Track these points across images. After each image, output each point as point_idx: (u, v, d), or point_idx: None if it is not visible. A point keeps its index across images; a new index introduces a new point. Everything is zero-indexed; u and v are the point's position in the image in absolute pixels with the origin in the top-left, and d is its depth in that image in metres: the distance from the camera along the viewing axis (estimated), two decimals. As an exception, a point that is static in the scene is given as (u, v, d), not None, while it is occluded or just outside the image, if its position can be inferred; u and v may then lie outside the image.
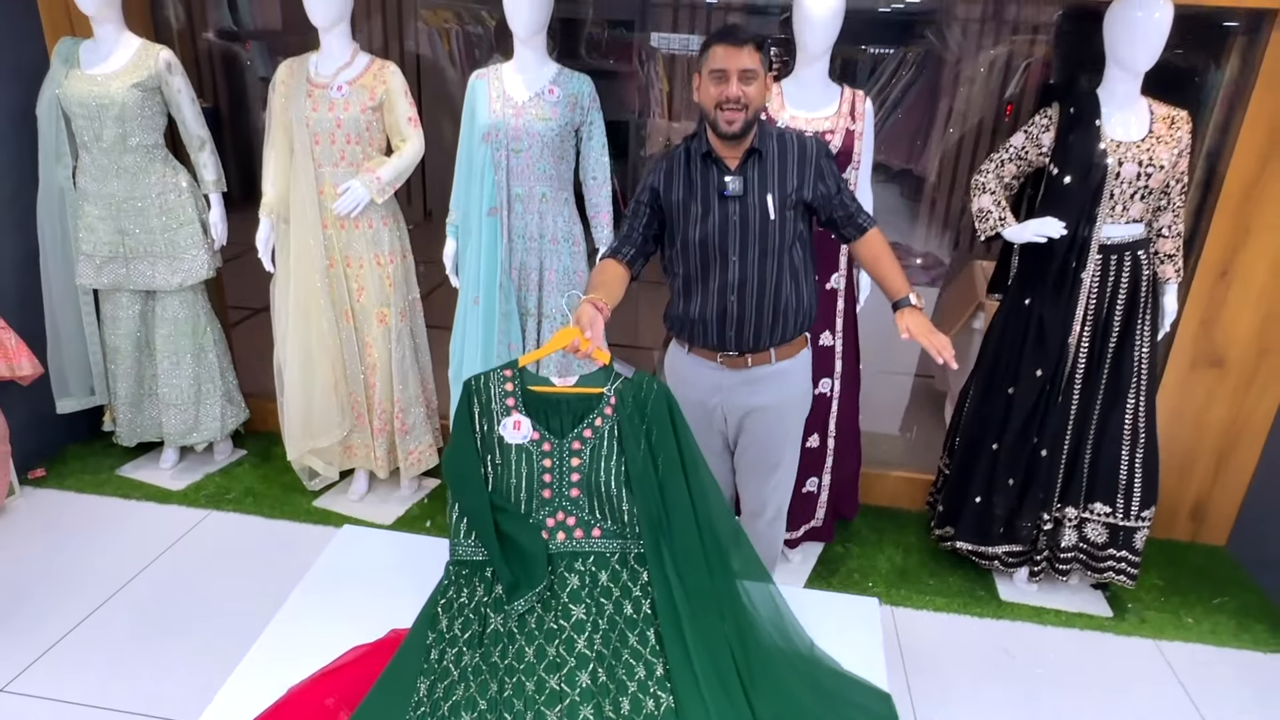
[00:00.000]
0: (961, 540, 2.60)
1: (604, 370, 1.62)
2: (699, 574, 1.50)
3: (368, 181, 2.50)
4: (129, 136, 2.61)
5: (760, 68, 1.76)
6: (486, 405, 1.61)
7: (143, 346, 2.90)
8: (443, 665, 1.44)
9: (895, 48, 5.70)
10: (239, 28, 4.26)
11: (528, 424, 1.60)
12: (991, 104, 5.11)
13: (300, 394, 2.71)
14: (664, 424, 1.57)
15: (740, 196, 1.82)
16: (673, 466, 1.55)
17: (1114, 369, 2.37)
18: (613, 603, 1.52)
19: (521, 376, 1.63)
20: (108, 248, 2.72)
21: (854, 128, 2.32)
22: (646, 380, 1.61)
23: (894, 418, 3.64)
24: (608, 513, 1.59)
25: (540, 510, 1.59)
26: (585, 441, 1.59)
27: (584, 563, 1.56)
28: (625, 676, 1.41)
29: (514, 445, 1.59)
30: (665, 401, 1.58)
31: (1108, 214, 2.24)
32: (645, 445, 1.55)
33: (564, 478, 1.60)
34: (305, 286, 2.62)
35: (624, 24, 5.15)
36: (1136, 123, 2.24)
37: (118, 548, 2.65)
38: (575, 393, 1.62)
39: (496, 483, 1.60)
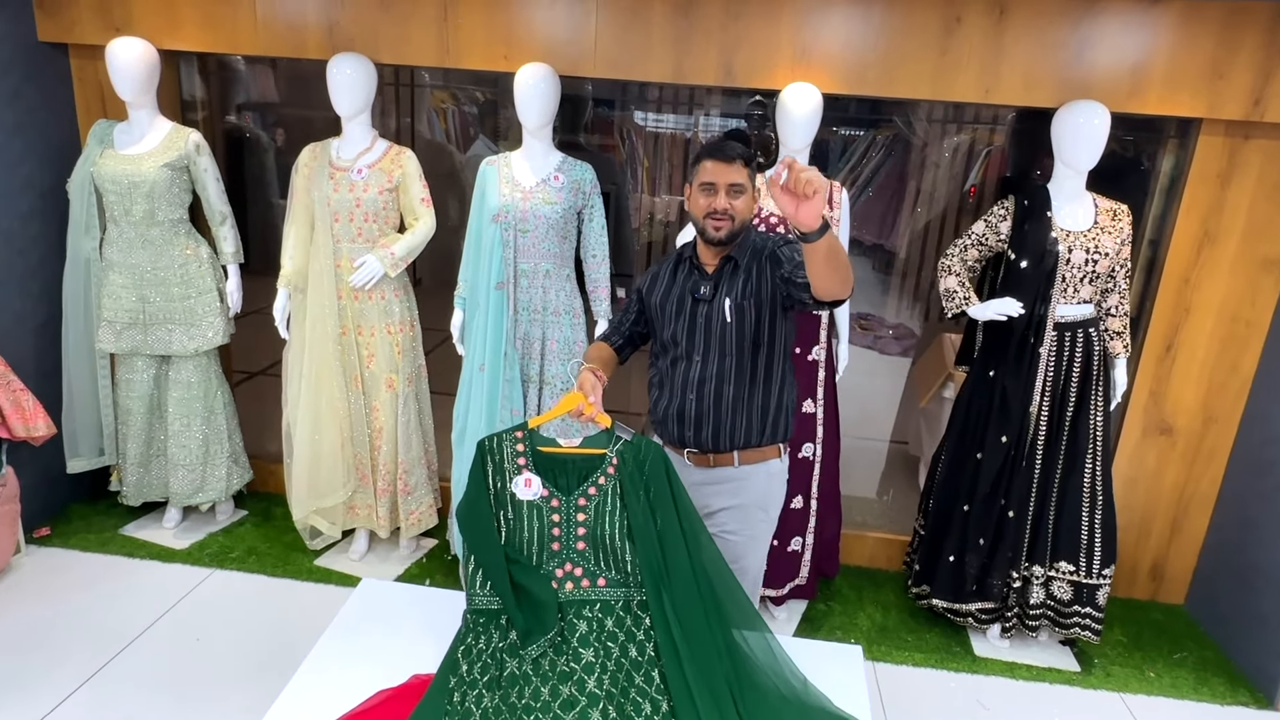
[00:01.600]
0: (937, 598, 2.75)
1: (606, 433, 1.77)
2: (697, 619, 1.63)
3: (383, 257, 2.69)
4: (157, 211, 2.79)
5: (748, 182, 1.87)
6: (500, 464, 1.75)
7: (154, 408, 3.01)
8: (465, 707, 1.55)
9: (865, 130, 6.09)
10: (244, 109, 4.50)
11: (538, 482, 1.74)
12: (956, 185, 5.46)
13: (309, 455, 2.83)
14: (661, 483, 1.71)
15: (709, 300, 1.91)
16: (670, 521, 1.69)
17: (1072, 436, 2.57)
18: (619, 646, 1.64)
19: (531, 438, 1.77)
20: (129, 314, 2.86)
21: (831, 215, 2.55)
22: (645, 443, 1.76)
23: (871, 482, 3.82)
24: (612, 564, 1.72)
25: (550, 561, 1.72)
26: (590, 498, 1.73)
27: (591, 609, 1.68)
28: (634, 713, 1.53)
29: (525, 501, 1.73)
30: (662, 462, 1.74)
31: (1060, 295, 2.48)
32: (645, 502, 1.69)
33: (571, 531, 1.73)
34: (319, 353, 2.77)
35: (606, 102, 5.47)
36: (1083, 214, 2.50)
37: (123, 606, 2.71)
38: (581, 453, 1.76)
39: (509, 536, 1.73)
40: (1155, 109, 2.53)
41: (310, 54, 2.78)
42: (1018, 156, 3.62)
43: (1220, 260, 2.71)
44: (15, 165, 2.85)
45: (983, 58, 2.54)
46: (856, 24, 2.57)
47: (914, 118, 5.61)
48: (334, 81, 2.64)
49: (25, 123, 2.86)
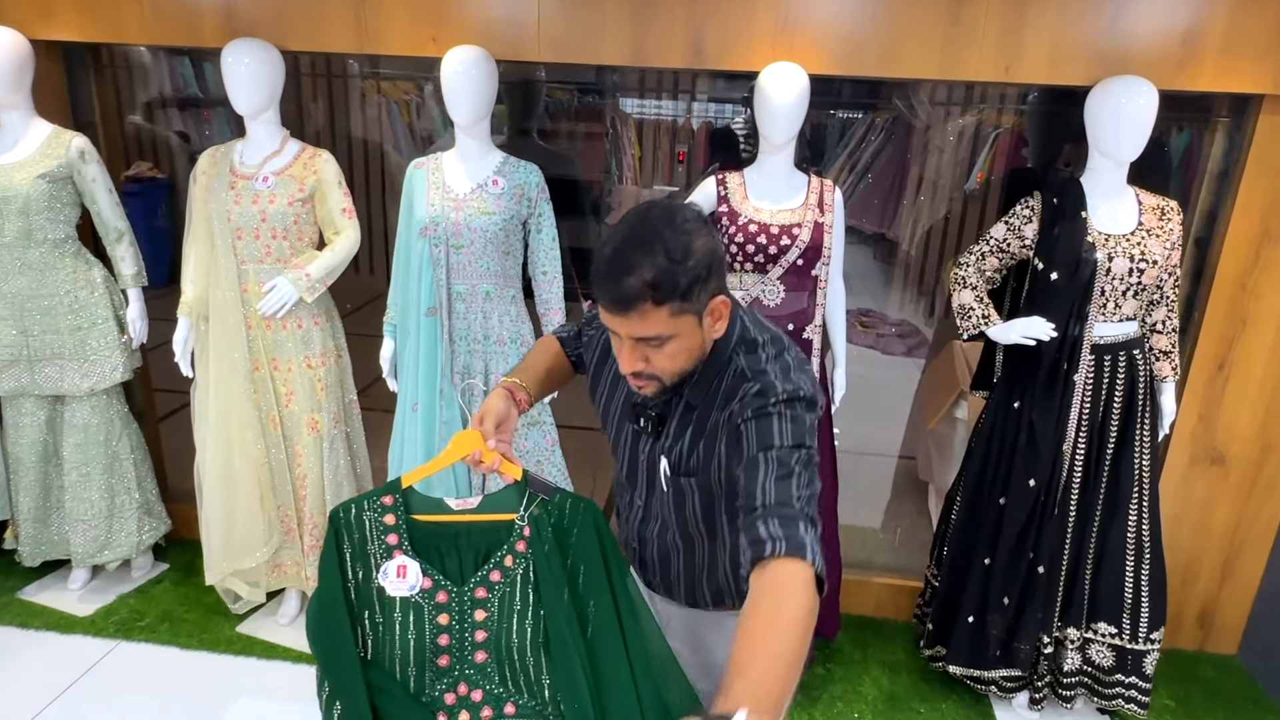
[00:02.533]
0: (954, 664, 2.35)
1: (516, 488, 1.26)
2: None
3: (296, 279, 2.28)
4: (35, 230, 2.39)
5: (673, 323, 1.11)
6: (360, 546, 1.25)
7: (49, 457, 2.62)
8: None
9: (864, 113, 5.67)
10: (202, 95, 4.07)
11: (416, 569, 1.24)
12: (963, 171, 5.05)
13: (220, 510, 2.44)
14: (593, 561, 1.24)
15: (648, 436, 1.29)
16: (606, 619, 1.22)
17: (1113, 477, 2.17)
18: None
19: (406, 503, 1.27)
20: (9, 351, 2.46)
21: (823, 220, 2.14)
22: (571, 502, 1.26)
23: (876, 509, 3.41)
24: (523, 684, 1.25)
25: (436, 684, 1.25)
26: (493, 588, 1.25)
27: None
28: None
29: (398, 598, 1.24)
30: (595, 532, 1.25)
31: (1099, 312, 2.07)
32: (567, 594, 1.23)
33: (466, 638, 1.26)
34: (226, 392, 2.38)
35: (594, 90, 5.09)
36: (1125, 214, 2.09)
37: (10, 685, 2.34)
38: (478, 521, 1.26)
39: (377, 650, 1.25)
40: (1211, 85, 2.11)
41: (206, 42, 2.36)
42: (1038, 144, 3.20)
43: (1283, 262, 2.30)
44: (-125, 179, 2.44)
45: (1001, 28, 2.12)
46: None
47: (916, 99, 5.20)
48: (231, 74, 2.22)
49: (-117, 129, 2.46)
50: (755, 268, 2.14)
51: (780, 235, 2.10)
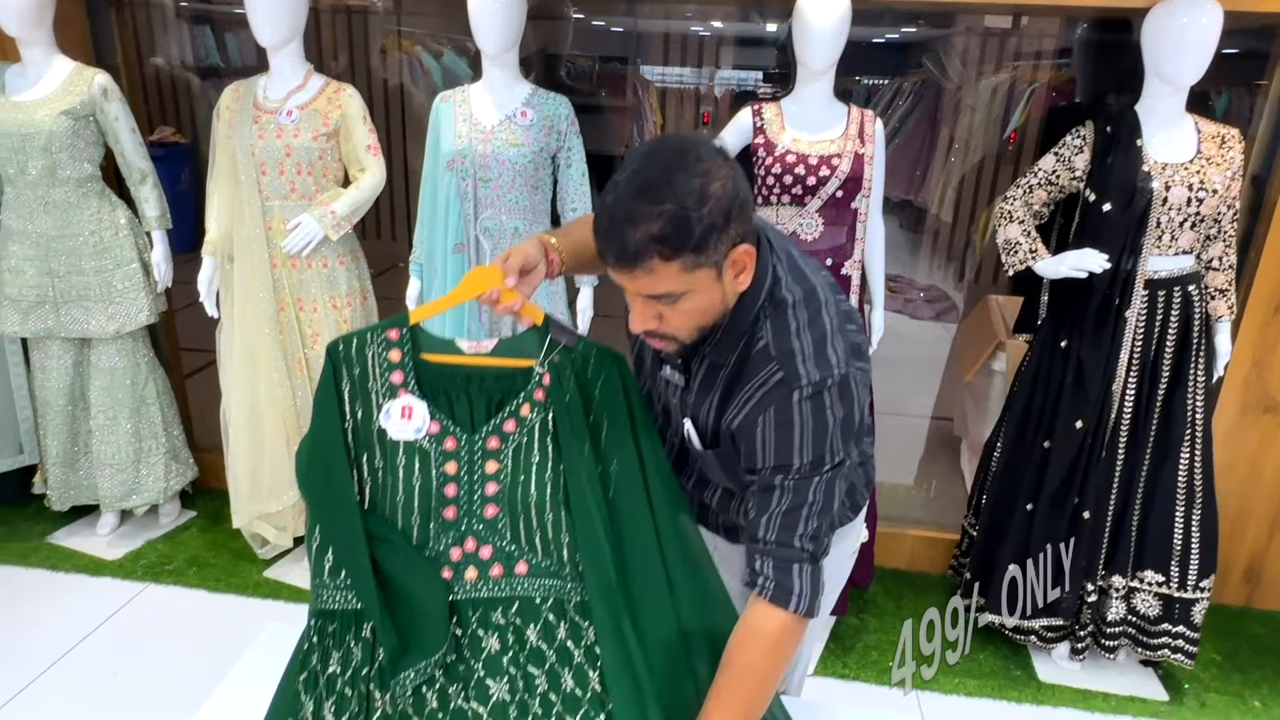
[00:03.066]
0: (993, 613, 2.29)
1: (535, 333, 1.15)
2: (667, 632, 1.10)
3: (321, 216, 2.24)
4: (58, 168, 2.36)
5: (688, 278, 0.99)
6: (360, 383, 1.13)
7: (77, 400, 2.61)
8: None
9: (890, 77, 5.53)
10: (224, 62, 4.05)
11: (422, 411, 1.13)
12: (995, 132, 4.91)
13: (247, 453, 2.42)
14: (619, 415, 1.14)
15: (680, 388, 1.18)
16: (630, 476, 1.12)
17: (1164, 419, 2.09)
18: (546, 674, 1.11)
19: (414, 340, 1.15)
20: (35, 292, 2.45)
21: (863, 151, 2.06)
22: (596, 352, 1.16)
23: (909, 468, 3.35)
24: (538, 543, 1.15)
25: (441, 537, 1.14)
26: (506, 438, 1.14)
27: (505, 613, 1.13)
28: None
29: (401, 442, 1.14)
30: (620, 385, 1.15)
31: (1154, 245, 1.98)
32: (590, 448, 1.12)
33: (476, 490, 1.15)
34: (252, 333, 2.35)
35: (617, 59, 5.01)
36: (1183, 142, 1.99)
37: (42, 626, 2.34)
38: (493, 366, 1.15)
39: (376, 497, 1.14)
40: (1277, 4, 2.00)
41: (228, -28, 2.31)
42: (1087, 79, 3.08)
43: (1347, 198, 2.19)
44: (-101, 119, 2.42)
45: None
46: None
47: (946, 58, 5.07)
48: (254, 4, 2.17)
49: (-93, 68, 2.43)
50: (793, 200, 2.06)
51: (819, 166, 2.03)
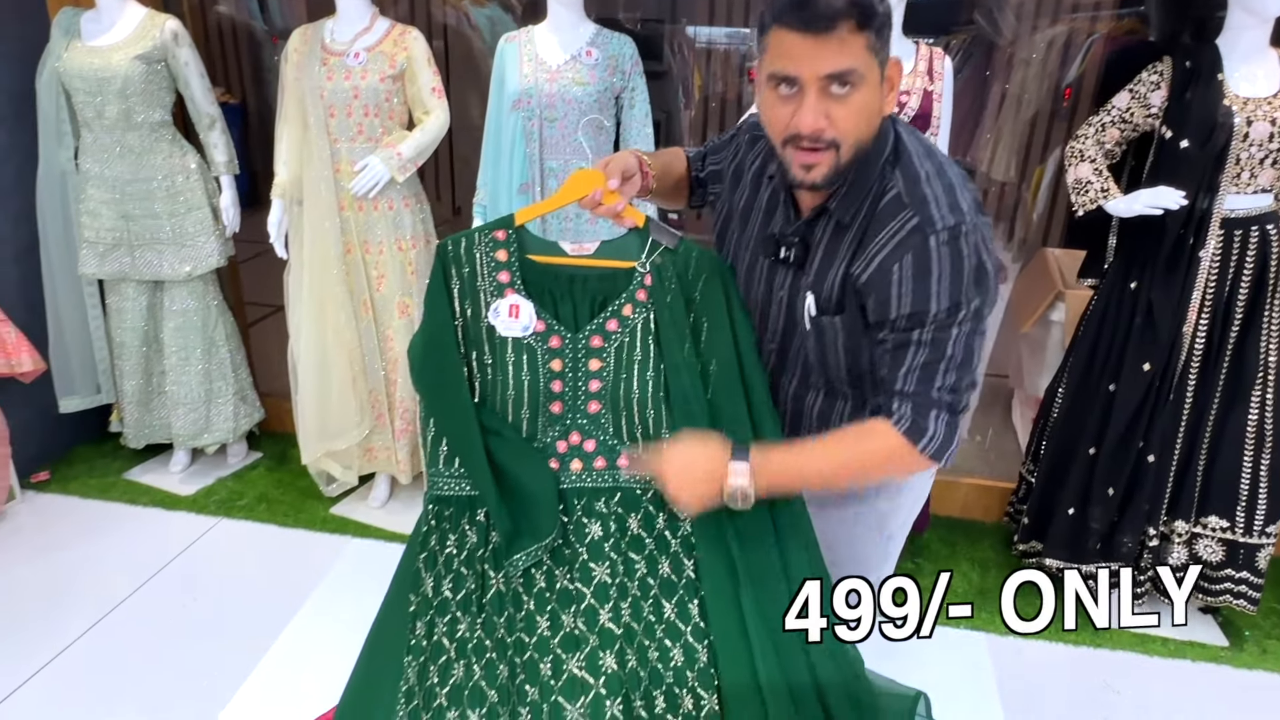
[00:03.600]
0: (1050, 556, 2.30)
1: (637, 236, 1.19)
2: (760, 525, 1.12)
3: (387, 158, 2.27)
4: (133, 113, 2.42)
5: (868, 61, 0.98)
6: (469, 282, 1.17)
7: (150, 341, 2.70)
8: (434, 640, 1.12)
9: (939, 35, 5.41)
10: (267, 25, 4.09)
11: (530, 309, 1.17)
12: (1049, 89, 4.79)
13: (315, 392, 2.49)
14: (719, 315, 1.16)
15: (790, 268, 1.17)
16: (729, 375, 1.15)
17: (1235, 362, 2.06)
18: (645, 559, 1.15)
19: (520, 241, 1.19)
20: (111, 235, 2.53)
21: (932, 88, 2.04)
22: (697, 253, 1.18)
23: (966, 420, 3.34)
24: (639, 436, 1.19)
25: (548, 431, 1.19)
26: (609, 337, 1.18)
27: (608, 503, 1.18)
28: (660, 663, 1.08)
29: (510, 340, 1.17)
30: (721, 285, 1.17)
31: (1232, 182, 1.94)
32: (691, 346, 1.15)
33: (580, 387, 1.19)
34: (320, 274, 2.40)
35: (655, 19, 4.96)
36: (1265, 77, 1.94)
37: (121, 557, 2.46)
38: (597, 266, 1.19)
39: (486, 391, 1.18)
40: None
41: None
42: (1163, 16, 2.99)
43: None
44: (-21, 66, 2.50)
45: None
46: None
47: (999, 13, 4.94)
48: (322, -55, 2.20)
49: (-14, 15, 2.50)
50: (859, 139, 2.05)
51: (887, 103, 2.01)
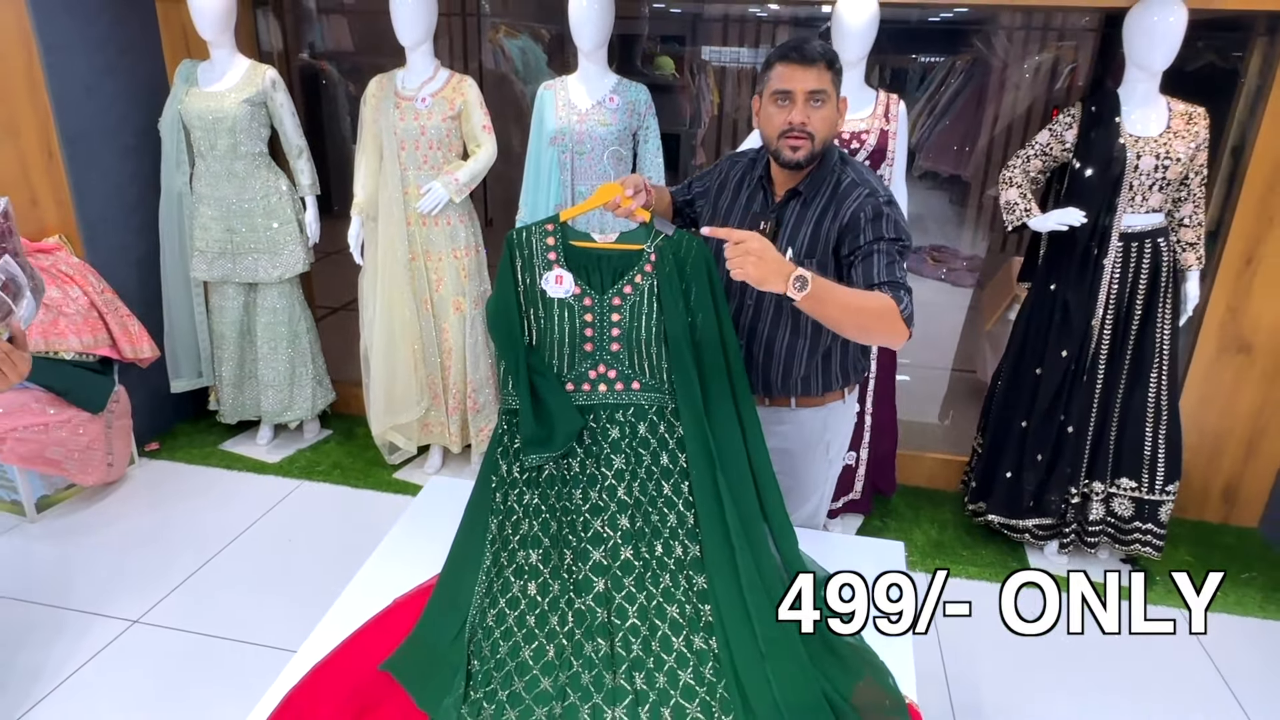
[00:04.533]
0: (994, 514, 2.76)
1: (644, 228, 1.66)
2: (730, 428, 1.59)
3: (447, 183, 2.79)
4: (239, 145, 2.96)
5: (832, 90, 1.57)
6: (529, 259, 1.65)
7: (245, 333, 3.24)
8: (508, 505, 1.62)
9: (944, 56, 5.86)
10: (318, 53, 4.65)
11: (570, 278, 1.63)
12: (1038, 108, 5.22)
13: (384, 375, 3.01)
14: (702, 284, 1.62)
15: (769, 236, 1.67)
16: (709, 327, 1.61)
17: (1136, 350, 2.52)
18: (650, 453, 1.62)
19: (563, 232, 1.67)
20: (218, 244, 3.07)
21: (888, 128, 2.52)
22: (687, 239, 1.64)
23: (933, 408, 3.80)
24: (646, 368, 1.65)
25: (583, 363, 1.65)
26: (625, 298, 1.63)
27: (624, 414, 1.64)
28: (659, 522, 1.58)
29: (556, 299, 1.63)
30: (704, 262, 1.62)
31: (1127, 203, 2.40)
32: (683, 304, 1.61)
33: (605, 332, 1.64)
34: (391, 278, 2.92)
35: (676, 39, 5.43)
36: (1155, 118, 2.40)
37: (222, 513, 2.97)
38: (616, 249, 1.65)
39: (541, 335, 1.66)
40: (1240, 3, 2.39)
41: (374, -14, 2.86)
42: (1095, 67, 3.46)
43: (1309, 166, 2.57)
44: (109, 107, 3.05)
45: (1051, -43, 2.44)
46: (916, -72, 2.49)
47: (993, 34, 5.37)
48: (396, 11, 2.72)
49: (115, 65, 3.05)
50: (829, 169, 2.53)
51: (850, 140, 2.50)
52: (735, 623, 1.47)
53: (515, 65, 5.10)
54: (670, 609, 1.52)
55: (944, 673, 2.31)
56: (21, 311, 1.42)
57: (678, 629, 1.49)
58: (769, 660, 1.42)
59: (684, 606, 1.52)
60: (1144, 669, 2.34)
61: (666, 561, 1.56)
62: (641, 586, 1.54)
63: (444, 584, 1.60)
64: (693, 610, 1.52)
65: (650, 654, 1.45)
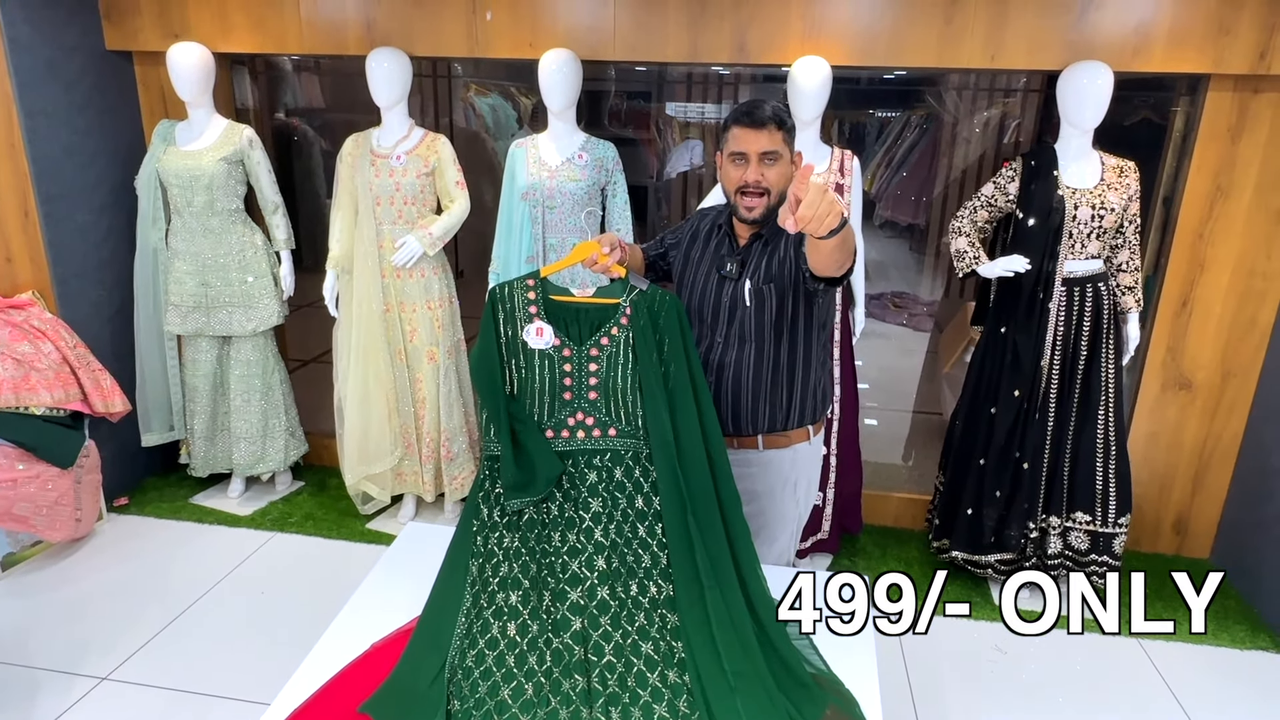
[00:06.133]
0: (957, 550, 2.84)
1: (620, 283, 1.76)
2: (700, 471, 1.66)
3: (421, 237, 2.88)
4: (216, 202, 3.02)
5: (784, 148, 1.73)
6: (510, 312, 1.74)
7: (218, 386, 3.26)
8: (488, 548, 1.67)
9: (899, 112, 6.14)
10: (292, 111, 4.77)
11: (550, 331, 1.71)
12: (989, 160, 5.48)
13: (359, 425, 3.04)
14: (674, 335, 1.71)
15: (734, 280, 1.83)
16: (681, 376, 1.70)
17: (1084, 389, 2.65)
18: (625, 497, 1.70)
19: (543, 286, 1.76)
20: (193, 298, 3.10)
21: (843, 182, 2.67)
22: (659, 294, 1.74)
23: (897, 449, 3.91)
24: (622, 415, 1.73)
25: (563, 410, 1.73)
26: (602, 349, 1.72)
27: (601, 459, 1.72)
28: (634, 563, 1.65)
29: (537, 350, 1.72)
30: (676, 315, 1.72)
31: (1068, 251, 2.55)
32: (656, 355, 1.70)
33: (583, 381, 1.73)
34: (366, 329, 2.98)
35: (641, 95, 5.64)
36: (1089, 172, 2.57)
37: (193, 566, 2.95)
38: (593, 303, 1.74)
39: (523, 384, 1.73)
40: (1160, 67, 2.58)
41: (350, 50, 2.98)
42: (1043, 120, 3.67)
43: (1234, 215, 2.75)
44: (87, 166, 3.11)
45: (987, 24, 2.62)
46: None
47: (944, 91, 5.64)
48: (373, 74, 2.83)
49: (95, 125, 3.12)
50: (788, 220, 2.66)
51: (808, 194, 2.63)
52: (705, 658, 1.53)
53: (486, 122, 5.27)
54: (645, 645, 1.57)
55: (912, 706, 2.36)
56: None
57: (653, 665, 1.54)
58: (738, 694, 1.48)
59: (658, 643, 1.58)
60: (1103, 698, 2.41)
61: (641, 600, 1.62)
62: (618, 625, 1.59)
63: (424, 626, 1.64)
64: (666, 647, 1.57)
65: (626, 689, 1.51)
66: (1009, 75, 5.28)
